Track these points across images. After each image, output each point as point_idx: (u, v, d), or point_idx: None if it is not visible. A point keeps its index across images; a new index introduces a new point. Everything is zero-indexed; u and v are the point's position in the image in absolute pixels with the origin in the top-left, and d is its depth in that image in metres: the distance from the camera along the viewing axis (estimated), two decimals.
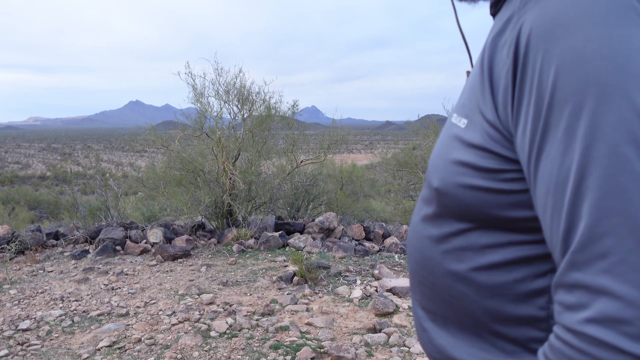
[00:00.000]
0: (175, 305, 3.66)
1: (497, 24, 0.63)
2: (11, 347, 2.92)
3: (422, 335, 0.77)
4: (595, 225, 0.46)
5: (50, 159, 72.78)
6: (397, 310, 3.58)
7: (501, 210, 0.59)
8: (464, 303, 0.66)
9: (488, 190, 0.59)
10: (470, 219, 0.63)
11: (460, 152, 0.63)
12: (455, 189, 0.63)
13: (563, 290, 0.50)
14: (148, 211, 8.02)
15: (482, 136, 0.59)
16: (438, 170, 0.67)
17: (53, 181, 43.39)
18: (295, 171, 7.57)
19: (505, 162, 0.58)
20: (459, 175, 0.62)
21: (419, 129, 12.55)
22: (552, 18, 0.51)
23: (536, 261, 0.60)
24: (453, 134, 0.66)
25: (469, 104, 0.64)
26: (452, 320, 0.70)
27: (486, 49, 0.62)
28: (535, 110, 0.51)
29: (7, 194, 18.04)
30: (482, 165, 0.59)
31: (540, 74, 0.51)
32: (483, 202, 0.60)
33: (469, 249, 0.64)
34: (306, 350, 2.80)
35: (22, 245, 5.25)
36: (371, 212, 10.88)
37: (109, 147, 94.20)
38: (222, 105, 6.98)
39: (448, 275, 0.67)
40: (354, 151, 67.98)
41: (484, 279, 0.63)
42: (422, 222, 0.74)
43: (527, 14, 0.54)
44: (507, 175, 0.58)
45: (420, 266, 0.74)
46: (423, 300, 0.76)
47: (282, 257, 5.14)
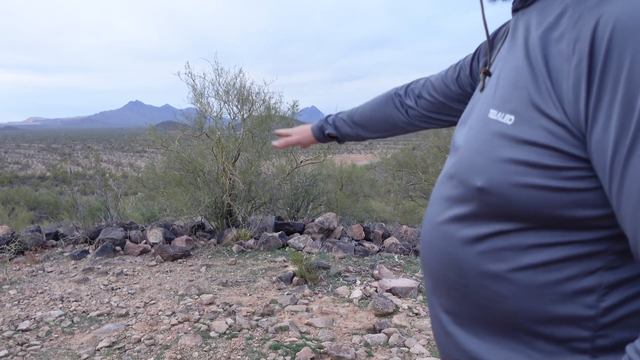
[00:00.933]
0: (175, 306, 3.66)
1: (541, 19, 0.62)
2: (11, 347, 2.92)
3: (446, 340, 0.75)
4: None
5: (50, 159, 72.78)
6: (397, 311, 3.58)
7: (560, 209, 0.57)
8: (501, 305, 0.64)
9: (549, 189, 0.57)
10: (518, 218, 0.61)
11: (511, 149, 0.60)
12: (509, 188, 0.60)
13: None
14: (148, 211, 8.03)
15: (542, 133, 0.57)
16: (481, 169, 0.65)
17: (53, 181, 43.39)
18: (295, 171, 7.58)
19: (570, 160, 0.56)
20: (513, 174, 0.60)
21: None
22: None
23: (587, 259, 0.59)
24: (495, 131, 0.64)
25: (514, 100, 0.62)
26: (484, 323, 0.68)
27: (534, 44, 0.61)
28: (623, 107, 0.49)
29: (6, 194, 18.03)
30: (544, 162, 0.57)
31: (630, 69, 0.49)
32: (541, 201, 0.58)
33: (511, 249, 0.63)
34: (306, 351, 2.80)
35: (21, 245, 5.25)
36: (371, 213, 10.89)
37: (109, 147, 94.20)
38: (222, 105, 6.98)
39: (484, 276, 0.65)
40: (354, 151, 67.99)
41: (527, 279, 0.61)
42: (450, 223, 0.71)
43: (604, 8, 0.53)
44: (572, 173, 0.56)
45: (447, 269, 0.72)
46: (449, 304, 0.74)
47: (281, 258, 5.14)
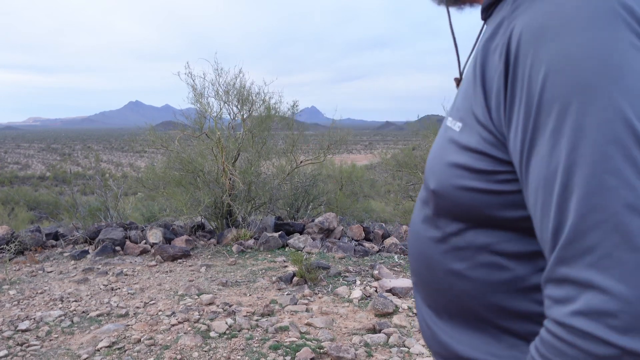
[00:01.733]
0: (174, 306, 3.66)
1: (489, 29, 0.65)
2: (10, 347, 2.92)
3: (427, 332, 0.79)
4: (581, 222, 0.48)
5: (50, 160, 72.77)
6: (397, 311, 3.58)
7: (496, 210, 0.61)
8: (467, 300, 0.68)
9: (483, 192, 0.61)
10: (466, 219, 0.65)
11: (455, 154, 0.64)
12: (452, 190, 0.65)
13: (552, 285, 0.52)
14: (148, 211, 8.02)
15: (477, 139, 0.61)
16: (434, 172, 0.69)
17: (53, 181, 43.38)
18: (295, 171, 7.58)
19: (499, 164, 0.59)
20: (455, 177, 0.64)
21: (419, 130, 12.56)
22: (541, 23, 0.53)
23: (534, 258, 0.61)
24: (448, 137, 0.68)
25: (463, 108, 0.66)
26: (456, 316, 0.71)
27: (478, 53, 0.64)
28: (525, 111, 0.53)
29: (6, 195, 18.04)
30: (477, 167, 0.61)
31: (529, 76, 0.52)
32: (478, 203, 0.62)
33: (467, 248, 0.66)
34: (306, 351, 2.80)
35: (21, 245, 5.25)
36: (371, 213, 10.88)
37: (109, 147, 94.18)
38: (222, 105, 6.98)
39: (449, 274, 0.69)
40: (354, 151, 67.99)
41: (484, 276, 0.65)
42: (422, 223, 0.76)
43: (518, 19, 0.56)
44: (501, 176, 0.59)
45: (422, 266, 0.76)
46: (427, 298, 0.78)
47: (281, 258, 5.14)
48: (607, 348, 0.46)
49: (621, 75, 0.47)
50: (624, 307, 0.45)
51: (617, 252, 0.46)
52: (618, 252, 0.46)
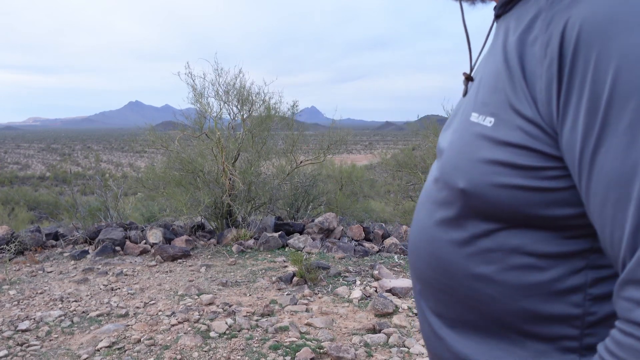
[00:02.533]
0: (174, 306, 3.66)
1: (517, 23, 0.63)
2: (10, 347, 2.92)
3: (437, 343, 0.75)
4: None
5: (50, 160, 72.77)
6: (397, 311, 3.58)
7: (539, 208, 0.58)
8: (491, 306, 0.65)
9: (527, 189, 0.58)
10: (501, 219, 0.62)
11: (490, 151, 0.61)
12: (489, 188, 0.61)
13: (634, 287, 0.50)
14: (147, 212, 8.02)
15: (519, 134, 0.59)
16: (462, 171, 0.65)
17: (52, 182, 43.39)
18: (295, 172, 7.58)
19: (546, 159, 0.57)
20: (492, 174, 0.61)
21: (419, 130, 12.56)
22: (607, 14, 0.50)
23: (571, 258, 0.59)
24: (476, 133, 0.65)
25: (493, 103, 0.63)
26: (474, 325, 0.68)
27: (511, 47, 0.62)
28: (589, 106, 0.51)
29: (6, 195, 18.03)
30: (521, 163, 0.58)
31: (595, 69, 0.50)
32: (520, 201, 0.59)
33: (498, 250, 0.63)
34: (306, 351, 2.80)
35: (21, 245, 5.25)
36: (371, 213, 10.88)
37: (109, 147, 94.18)
38: (222, 105, 6.99)
39: (473, 278, 0.66)
40: (354, 152, 68.00)
41: (515, 280, 0.62)
42: (437, 226, 0.72)
43: (572, 10, 0.54)
44: (549, 172, 0.57)
45: (436, 272, 0.72)
46: (438, 307, 0.74)
47: (281, 258, 5.14)
48: None
49: None
50: None
51: None
52: None
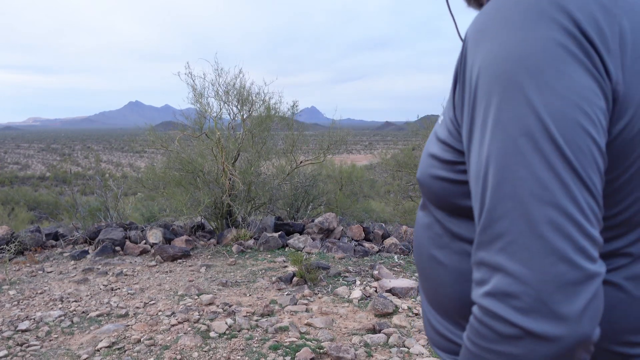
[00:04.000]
0: (174, 306, 3.66)
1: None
2: (10, 347, 2.92)
3: (424, 319, 0.82)
4: (494, 209, 0.52)
5: (50, 160, 72.73)
6: (397, 311, 3.58)
7: (459, 199, 0.65)
8: (443, 288, 0.72)
9: (448, 181, 0.66)
10: (442, 207, 0.70)
11: (433, 145, 0.70)
12: (427, 179, 0.70)
13: (474, 268, 0.55)
14: (147, 212, 8.02)
15: (445, 131, 0.66)
16: (420, 162, 0.75)
17: (52, 182, 43.37)
18: (295, 172, 7.57)
19: (459, 155, 0.64)
20: (430, 166, 0.69)
21: (419, 130, 12.56)
22: (479, 24, 0.57)
23: None
24: (434, 130, 0.74)
25: (446, 103, 0.71)
26: (438, 303, 0.75)
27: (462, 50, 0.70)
28: (467, 107, 0.57)
29: (6, 195, 18.03)
30: (444, 157, 0.66)
31: (470, 74, 0.57)
32: (446, 192, 0.67)
33: (444, 235, 0.70)
34: (306, 351, 2.80)
35: (21, 245, 5.25)
36: (370, 213, 10.88)
37: (109, 147, 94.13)
38: (222, 105, 6.99)
39: (432, 260, 0.73)
40: (354, 152, 67.97)
41: (456, 264, 0.69)
42: (418, 211, 0.81)
43: (479, 47, 0.61)
44: (460, 167, 0.64)
45: (416, 253, 0.81)
46: (421, 285, 0.82)
47: (281, 258, 5.14)
48: (511, 328, 0.48)
49: (539, 72, 0.50)
50: (526, 290, 0.48)
51: (522, 239, 0.49)
52: (523, 238, 0.49)
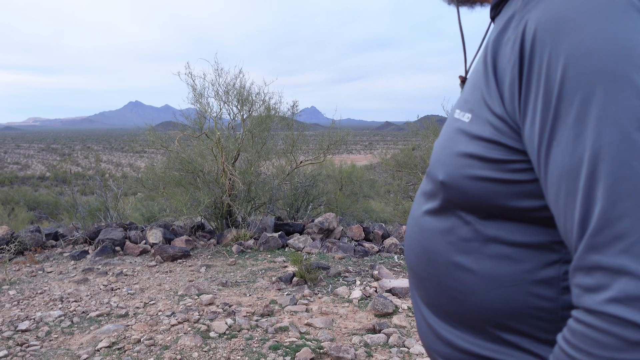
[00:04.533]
0: (174, 306, 3.66)
1: (499, 24, 0.65)
2: (10, 347, 2.92)
3: (427, 331, 0.77)
4: (611, 208, 0.48)
5: (50, 160, 72.71)
6: (397, 311, 3.58)
7: (508, 200, 0.61)
8: (469, 296, 0.67)
9: (495, 181, 0.61)
10: (476, 210, 0.65)
11: (465, 144, 0.64)
12: (462, 180, 0.64)
13: (582, 273, 0.51)
14: (147, 212, 8.02)
15: (489, 129, 0.61)
16: (443, 163, 0.69)
17: (52, 182, 43.36)
18: (295, 172, 7.57)
19: (512, 153, 0.59)
20: (466, 167, 0.64)
21: (419, 130, 12.55)
22: (558, 15, 0.54)
23: (544, 250, 0.61)
24: (457, 128, 0.68)
25: (472, 100, 0.66)
26: (454, 314, 0.70)
27: (489, 47, 0.64)
28: (543, 101, 0.53)
29: (6, 195, 18.03)
30: (490, 156, 0.61)
31: (548, 67, 0.53)
32: (490, 193, 0.62)
33: (475, 239, 0.65)
34: (306, 351, 2.80)
35: (21, 245, 5.25)
36: (370, 213, 10.88)
37: (109, 147, 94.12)
38: (222, 105, 6.99)
39: (453, 267, 0.68)
40: (354, 152, 67.98)
41: (490, 270, 0.64)
42: (425, 216, 0.75)
43: (531, 12, 0.57)
44: (514, 165, 0.59)
45: (423, 261, 0.75)
46: (425, 296, 0.76)
47: (281, 258, 5.14)
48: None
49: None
50: None
51: None
52: None
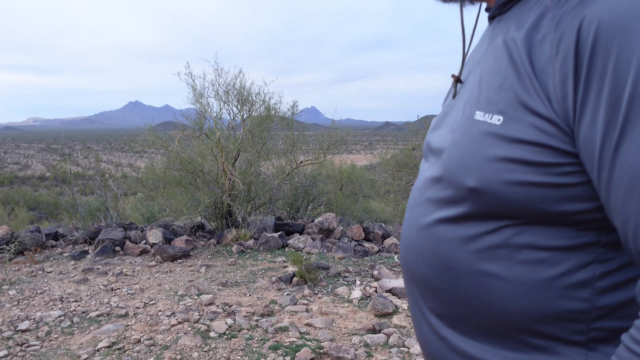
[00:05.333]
0: (174, 306, 3.66)
1: (520, 23, 0.64)
2: (10, 347, 2.92)
3: (439, 344, 0.74)
4: None
5: (50, 160, 72.71)
6: (397, 311, 3.58)
7: (553, 204, 0.59)
8: (497, 304, 0.65)
9: (541, 185, 0.59)
10: (513, 215, 0.62)
11: (502, 148, 0.62)
12: (501, 186, 0.61)
13: None
14: (147, 212, 8.02)
15: (532, 131, 0.59)
16: (471, 169, 0.65)
17: (52, 182, 43.37)
18: (295, 172, 7.58)
19: (560, 156, 0.58)
20: (505, 172, 0.61)
21: (419, 130, 12.56)
22: (626, 12, 0.52)
23: (579, 252, 0.60)
24: (484, 131, 0.65)
25: (500, 101, 0.64)
26: (478, 324, 0.68)
27: (516, 46, 0.63)
28: (610, 101, 0.52)
29: (6, 195, 18.03)
30: (535, 159, 0.59)
31: (616, 65, 0.51)
32: (533, 197, 0.60)
33: (506, 246, 0.63)
34: (305, 351, 2.80)
35: (21, 245, 5.25)
36: (370, 213, 10.88)
37: (109, 147, 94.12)
38: (222, 105, 6.99)
39: (480, 275, 0.66)
40: (354, 152, 67.97)
41: (523, 275, 0.62)
42: (440, 225, 0.72)
43: (587, 10, 0.55)
44: (563, 168, 0.58)
45: (437, 271, 0.72)
46: (438, 307, 0.74)
47: (281, 258, 5.14)
48: None
49: None
50: None
51: None
52: None
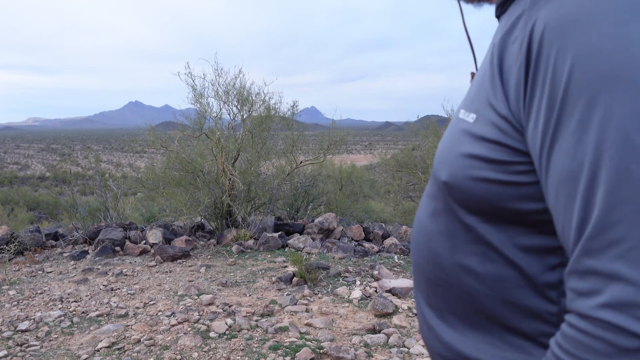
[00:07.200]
0: (174, 306, 3.66)
1: (506, 23, 0.64)
2: (10, 348, 2.92)
3: (429, 333, 0.76)
4: (609, 213, 0.47)
5: (50, 160, 72.69)
6: (397, 311, 3.58)
7: (511, 202, 0.60)
8: (475, 297, 0.66)
9: (498, 183, 0.60)
10: (479, 211, 0.64)
11: (470, 145, 0.63)
12: (465, 181, 0.63)
13: (576, 277, 0.51)
14: (147, 212, 8.01)
15: (493, 129, 0.60)
16: (446, 164, 0.68)
17: (52, 182, 43.36)
18: (295, 172, 7.57)
19: (515, 155, 0.58)
20: (469, 168, 0.63)
21: (419, 130, 12.57)
22: (566, 15, 0.52)
23: (545, 254, 0.60)
24: (461, 129, 0.67)
25: (477, 100, 0.65)
26: (460, 316, 0.70)
27: (495, 46, 0.63)
28: (548, 102, 0.52)
29: (6, 195, 18.04)
30: (493, 157, 0.60)
31: (554, 67, 0.52)
32: (493, 195, 0.61)
33: (479, 242, 0.64)
34: (305, 351, 2.80)
35: (21, 246, 5.25)
36: (370, 213, 10.88)
37: (108, 147, 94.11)
38: (222, 105, 6.99)
39: (459, 269, 0.67)
40: (354, 152, 67.97)
41: (494, 272, 0.63)
42: (429, 218, 0.74)
43: (540, 12, 0.55)
44: (518, 167, 0.58)
45: (428, 262, 0.74)
46: (430, 297, 0.76)
47: (281, 258, 5.14)
48: (635, 340, 0.45)
49: None
50: None
51: None
52: None
